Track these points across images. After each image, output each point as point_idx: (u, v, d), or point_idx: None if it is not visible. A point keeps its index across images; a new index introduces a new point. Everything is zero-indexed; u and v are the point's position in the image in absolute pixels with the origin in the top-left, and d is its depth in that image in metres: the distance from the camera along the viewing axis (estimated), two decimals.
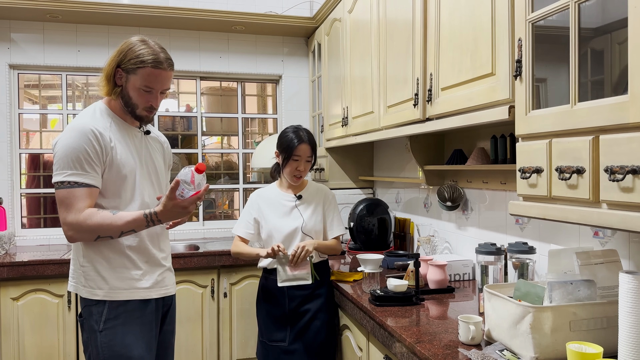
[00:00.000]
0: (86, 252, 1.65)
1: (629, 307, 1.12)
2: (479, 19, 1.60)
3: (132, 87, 1.64)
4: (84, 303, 1.67)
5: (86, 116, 1.64)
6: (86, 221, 1.55)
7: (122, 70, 1.63)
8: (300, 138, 2.19)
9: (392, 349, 1.65)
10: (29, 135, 3.63)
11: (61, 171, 1.56)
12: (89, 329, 1.65)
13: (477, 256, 1.75)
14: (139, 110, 1.68)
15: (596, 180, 1.10)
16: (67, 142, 1.56)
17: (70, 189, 1.55)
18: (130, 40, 1.66)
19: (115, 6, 3.23)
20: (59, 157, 1.56)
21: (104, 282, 1.64)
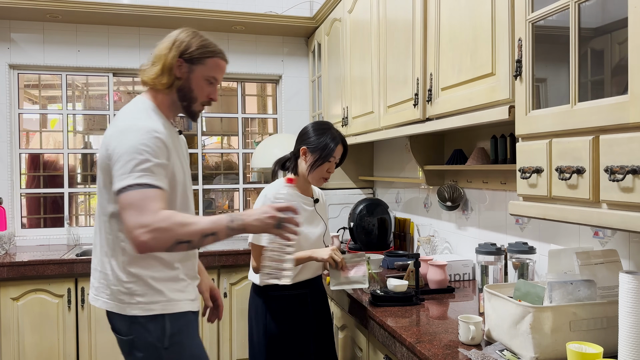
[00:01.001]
0: (131, 268, 1.45)
1: (629, 307, 1.12)
2: (479, 19, 1.60)
3: (196, 78, 1.51)
4: (130, 320, 1.45)
5: (142, 116, 1.46)
6: (165, 222, 1.31)
7: (185, 61, 1.49)
8: (339, 138, 1.99)
9: (392, 349, 1.65)
10: (29, 135, 3.63)
11: (129, 174, 1.34)
12: (146, 347, 1.45)
13: (477, 256, 1.75)
14: (196, 104, 1.55)
15: (596, 180, 1.09)
16: (132, 143, 1.36)
17: (142, 190, 1.33)
18: (184, 31, 1.53)
19: (115, 6, 3.23)
20: (125, 159, 1.35)
21: (160, 295, 1.46)
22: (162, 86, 1.50)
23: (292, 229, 1.44)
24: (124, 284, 1.45)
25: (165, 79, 1.49)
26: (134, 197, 1.32)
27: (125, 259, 1.45)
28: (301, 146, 1.98)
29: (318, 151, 1.94)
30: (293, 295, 1.97)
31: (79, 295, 2.90)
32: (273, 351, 1.94)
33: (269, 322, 1.95)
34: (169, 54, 1.49)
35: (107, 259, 1.48)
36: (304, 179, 2.00)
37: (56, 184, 3.57)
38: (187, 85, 1.52)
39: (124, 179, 1.34)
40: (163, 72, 1.49)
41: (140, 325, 1.45)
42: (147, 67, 1.54)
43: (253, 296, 2.02)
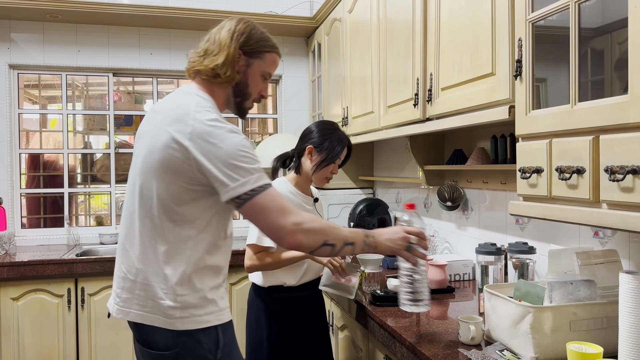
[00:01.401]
0: (191, 278, 1.32)
1: (629, 307, 1.12)
2: (479, 19, 1.60)
3: (253, 73, 1.43)
4: (175, 333, 1.31)
5: (218, 116, 1.32)
6: (315, 222, 1.30)
7: (244, 54, 1.41)
8: (346, 140, 1.98)
9: (392, 349, 1.65)
10: (29, 135, 3.63)
11: (247, 177, 1.26)
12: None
13: (477, 256, 1.75)
14: (249, 101, 1.47)
15: (596, 180, 1.09)
16: (230, 147, 1.26)
17: (268, 191, 1.27)
18: (241, 21, 1.44)
19: (115, 6, 3.23)
20: (238, 162, 1.25)
21: (213, 304, 1.35)
22: (224, 79, 1.39)
23: (421, 253, 1.44)
24: (177, 297, 1.30)
25: (228, 71, 1.38)
26: (266, 199, 1.27)
27: (187, 269, 1.32)
28: (307, 145, 1.95)
29: (325, 152, 1.93)
30: (297, 297, 1.96)
31: (79, 295, 2.90)
32: (276, 353, 1.93)
33: (273, 324, 1.93)
34: (230, 45, 1.39)
35: (157, 269, 1.32)
36: (307, 178, 1.98)
37: (56, 184, 3.57)
38: (244, 80, 1.44)
39: (243, 185, 1.25)
40: (226, 64, 1.38)
41: (189, 336, 1.31)
42: (199, 55, 1.42)
43: (254, 298, 1.99)
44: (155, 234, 1.32)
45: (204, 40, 1.46)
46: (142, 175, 1.34)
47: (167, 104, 1.38)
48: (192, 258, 1.32)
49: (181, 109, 1.32)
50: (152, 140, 1.33)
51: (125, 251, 1.38)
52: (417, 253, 1.43)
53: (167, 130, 1.29)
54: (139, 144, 1.42)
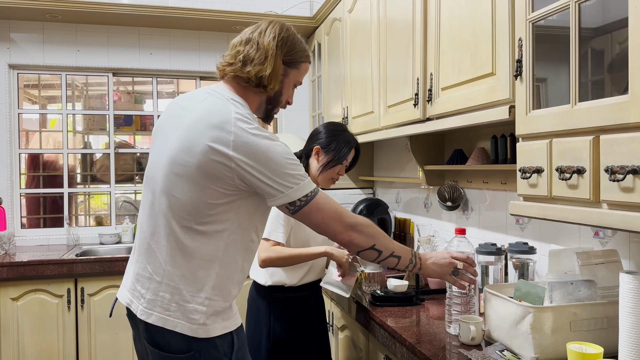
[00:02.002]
0: (218, 283, 1.30)
1: (629, 308, 1.12)
2: (479, 19, 1.60)
3: (288, 83, 1.42)
4: (191, 337, 1.28)
5: (256, 124, 1.30)
6: (370, 227, 1.38)
7: (283, 64, 1.39)
8: (354, 141, 1.99)
9: (392, 349, 1.65)
10: (29, 135, 3.63)
11: (299, 183, 1.28)
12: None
13: (477, 256, 1.75)
14: (277, 108, 1.47)
15: (596, 180, 1.09)
16: (279, 151, 1.26)
17: (320, 194, 1.32)
18: (282, 27, 1.40)
19: (115, 6, 3.23)
20: (288, 170, 1.26)
21: (231, 310, 1.36)
22: (269, 92, 1.38)
23: (469, 277, 1.50)
24: (205, 301, 1.28)
25: (273, 83, 1.36)
26: (320, 203, 1.31)
27: (222, 273, 1.30)
28: (314, 145, 1.96)
29: (332, 152, 1.93)
30: (298, 297, 1.96)
31: (79, 296, 2.90)
32: (276, 353, 1.93)
33: (274, 324, 1.93)
34: (277, 55, 1.36)
35: (186, 272, 1.28)
36: (314, 179, 1.99)
37: (56, 184, 3.57)
38: (280, 90, 1.41)
39: (297, 191, 1.27)
40: (272, 76, 1.35)
41: (205, 340, 1.29)
42: (238, 59, 1.36)
43: (255, 297, 1.99)
44: (186, 236, 1.28)
45: (239, 41, 1.40)
46: (171, 176, 1.29)
47: (202, 106, 1.32)
48: (225, 260, 1.30)
49: (220, 114, 1.27)
50: (187, 142, 1.27)
51: (151, 251, 1.33)
52: (465, 278, 1.51)
53: (206, 135, 1.25)
54: (161, 140, 1.37)
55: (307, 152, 2.00)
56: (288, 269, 1.91)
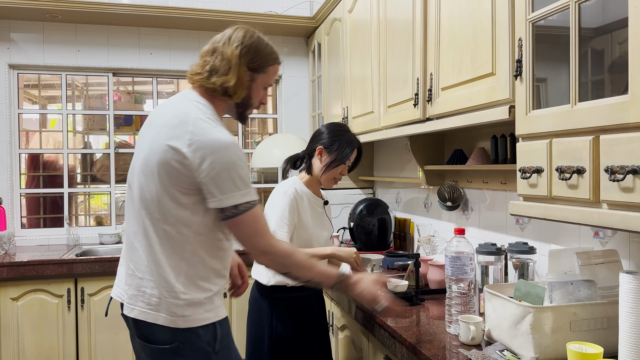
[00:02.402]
0: (195, 280, 1.37)
1: (629, 308, 1.12)
2: (479, 19, 1.60)
3: (256, 87, 1.47)
4: (174, 329, 1.36)
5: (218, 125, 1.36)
6: (286, 259, 1.41)
7: (249, 70, 1.43)
8: (356, 142, 2.00)
9: (393, 349, 1.65)
10: (29, 135, 3.63)
11: (235, 192, 1.31)
12: (195, 353, 1.38)
13: (477, 256, 1.75)
14: (250, 110, 1.51)
15: (596, 180, 1.09)
16: (227, 160, 1.30)
17: (255, 209, 1.35)
18: (247, 33, 1.44)
19: (115, 6, 3.23)
20: (230, 175, 1.30)
21: (212, 304, 1.41)
22: (236, 99, 1.43)
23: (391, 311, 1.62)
24: (181, 294, 1.35)
25: (239, 91, 1.41)
26: (245, 220, 1.34)
27: (187, 271, 1.36)
28: (317, 145, 1.97)
29: (335, 152, 1.95)
30: (299, 297, 1.96)
31: (79, 296, 2.90)
32: (277, 353, 1.92)
33: (276, 324, 1.93)
34: (240, 64, 1.40)
35: (163, 269, 1.35)
36: (317, 179, 2.00)
37: (56, 184, 3.57)
38: (248, 94, 1.46)
39: (231, 198, 1.31)
40: (237, 85, 1.40)
41: (189, 331, 1.36)
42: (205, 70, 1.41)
43: (257, 297, 1.99)
44: (157, 234, 1.36)
45: (207, 50, 1.44)
46: (142, 176, 1.37)
47: (168, 109, 1.41)
48: (193, 260, 1.37)
49: (182, 115, 1.35)
50: (152, 142, 1.36)
51: (134, 249, 1.41)
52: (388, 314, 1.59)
53: (166, 135, 1.33)
54: (139, 144, 1.46)
55: (309, 152, 2.01)
56: None
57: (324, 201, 2.06)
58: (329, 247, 1.93)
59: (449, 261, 1.65)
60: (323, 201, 2.05)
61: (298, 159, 2.05)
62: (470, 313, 1.56)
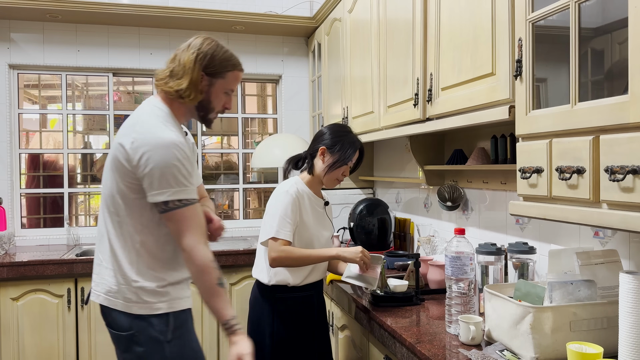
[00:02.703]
0: (143, 270, 1.49)
1: (629, 307, 1.12)
2: (479, 19, 1.60)
3: (215, 92, 1.55)
4: (132, 317, 1.49)
5: (164, 127, 1.46)
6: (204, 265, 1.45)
7: (206, 74, 1.51)
8: (359, 142, 2.00)
9: (392, 349, 1.65)
10: (29, 135, 3.63)
11: (168, 189, 1.41)
12: (148, 341, 1.48)
13: (477, 256, 1.75)
14: (213, 114, 1.58)
15: (596, 180, 1.09)
16: (163, 158, 1.40)
17: (187, 210, 1.43)
18: (205, 40, 1.53)
19: (115, 6, 3.23)
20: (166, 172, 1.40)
21: (166, 295, 1.51)
22: (190, 102, 1.51)
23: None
24: (132, 282, 1.48)
25: (192, 94, 1.50)
26: (178, 216, 1.42)
27: (135, 260, 1.49)
28: (320, 146, 1.97)
29: (338, 153, 1.95)
30: (300, 297, 1.96)
31: (79, 295, 2.90)
32: (278, 353, 1.93)
33: (277, 324, 1.93)
34: (194, 68, 1.49)
35: (118, 259, 1.50)
36: (319, 179, 2.00)
37: (56, 184, 3.57)
38: (207, 98, 1.54)
39: (161, 194, 1.41)
40: (189, 88, 1.49)
41: (142, 320, 1.48)
42: (166, 75, 1.52)
43: (258, 298, 1.99)
44: (113, 226, 1.50)
45: (170, 58, 1.56)
46: (104, 172, 1.55)
47: (133, 112, 1.55)
48: (142, 251, 1.49)
49: (136, 116, 1.50)
50: (113, 142, 1.53)
51: (102, 241, 1.55)
52: None
53: (120, 133, 1.49)
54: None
55: (312, 152, 2.01)
56: (292, 269, 1.91)
57: (325, 202, 2.05)
58: (333, 249, 1.92)
59: (449, 261, 1.65)
60: (324, 202, 2.05)
61: (300, 159, 2.05)
62: (470, 313, 1.56)
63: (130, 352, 1.50)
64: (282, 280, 1.92)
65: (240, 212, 3.91)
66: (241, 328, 1.45)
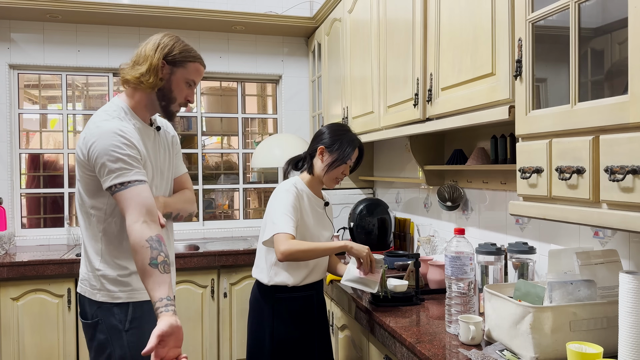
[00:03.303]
0: (105, 257, 1.58)
1: (629, 307, 1.12)
2: (479, 19, 1.60)
3: (176, 81, 1.61)
4: (97, 305, 1.58)
5: (111, 118, 1.54)
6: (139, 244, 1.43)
7: (167, 63, 1.59)
8: (357, 141, 2.00)
9: (392, 349, 1.65)
10: (29, 135, 3.63)
11: (109, 174, 1.46)
12: (108, 329, 1.57)
13: (477, 256, 1.75)
14: (175, 105, 1.64)
15: (596, 180, 1.09)
16: (106, 142, 1.47)
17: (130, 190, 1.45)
18: (166, 35, 1.63)
19: (115, 6, 3.23)
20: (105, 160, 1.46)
21: (126, 285, 1.58)
22: (147, 85, 1.57)
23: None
24: (96, 271, 1.58)
25: (151, 78, 1.57)
26: (120, 197, 1.45)
27: (100, 249, 1.58)
28: (319, 145, 1.97)
29: (337, 152, 1.95)
30: (301, 297, 1.96)
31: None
32: (278, 353, 1.92)
33: (277, 325, 1.93)
34: (154, 56, 1.58)
35: (85, 247, 1.62)
36: (319, 179, 2.00)
37: (56, 184, 3.57)
38: (168, 87, 1.61)
39: (106, 180, 1.47)
40: (149, 72, 1.57)
41: (106, 309, 1.58)
42: (129, 67, 1.61)
43: (257, 297, 1.99)
44: (82, 218, 1.61)
45: (134, 53, 1.64)
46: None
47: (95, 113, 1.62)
48: (105, 239, 1.57)
49: (95, 114, 1.59)
50: None
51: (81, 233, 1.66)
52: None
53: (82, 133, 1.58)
54: None
55: (311, 152, 2.01)
56: (292, 269, 1.91)
57: (325, 202, 2.05)
58: (341, 241, 1.90)
59: (449, 261, 1.65)
60: (324, 202, 2.05)
61: (300, 160, 2.05)
62: (470, 313, 1.56)
63: (94, 340, 1.59)
64: (281, 281, 1.92)
65: (240, 212, 3.91)
66: (171, 310, 1.36)
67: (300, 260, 1.85)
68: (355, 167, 2.05)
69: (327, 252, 1.87)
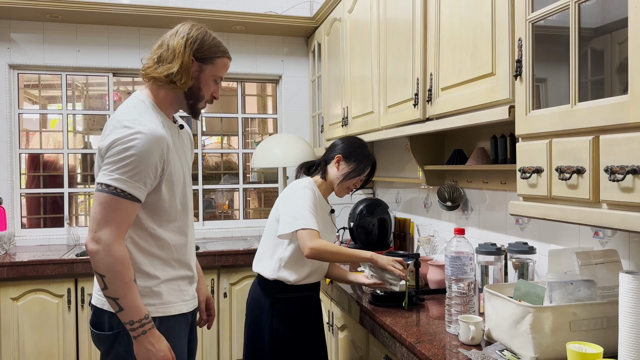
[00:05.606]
0: (138, 267, 1.45)
1: (629, 307, 1.12)
2: (479, 19, 1.60)
3: (205, 78, 1.52)
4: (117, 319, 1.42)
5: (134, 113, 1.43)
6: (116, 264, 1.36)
7: (197, 60, 1.49)
8: (373, 157, 2.04)
9: (392, 349, 1.65)
10: (29, 135, 3.63)
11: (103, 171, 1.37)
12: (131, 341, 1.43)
13: (477, 256, 1.75)
14: (202, 102, 1.56)
15: (596, 180, 1.10)
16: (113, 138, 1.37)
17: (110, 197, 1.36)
18: (194, 27, 1.51)
19: (115, 6, 3.23)
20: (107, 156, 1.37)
21: (157, 297, 1.48)
22: (181, 86, 1.48)
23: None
24: None
25: (184, 78, 1.47)
26: (101, 201, 1.36)
27: (134, 260, 1.45)
28: (336, 154, 1.99)
29: (354, 163, 1.97)
30: (301, 297, 1.96)
31: (79, 295, 2.90)
32: (278, 354, 1.92)
33: (277, 325, 1.93)
34: (184, 52, 1.47)
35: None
36: (330, 185, 2.02)
37: (56, 184, 3.57)
38: (197, 85, 1.52)
39: (99, 175, 1.38)
40: (181, 72, 1.46)
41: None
42: (152, 61, 1.49)
43: (257, 297, 1.99)
44: None
45: (157, 44, 1.52)
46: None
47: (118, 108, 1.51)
48: (130, 247, 1.44)
49: (115, 111, 1.48)
50: None
51: None
52: None
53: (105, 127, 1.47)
54: None
55: (327, 159, 2.03)
56: (297, 266, 1.91)
57: (331, 209, 2.07)
58: (367, 252, 1.88)
59: (448, 261, 1.65)
60: (330, 209, 2.06)
61: (312, 165, 2.07)
62: (470, 313, 1.56)
63: (112, 351, 1.46)
64: (284, 276, 1.91)
65: (240, 212, 3.91)
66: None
67: (325, 260, 1.83)
68: (365, 182, 2.07)
69: (352, 259, 1.85)
